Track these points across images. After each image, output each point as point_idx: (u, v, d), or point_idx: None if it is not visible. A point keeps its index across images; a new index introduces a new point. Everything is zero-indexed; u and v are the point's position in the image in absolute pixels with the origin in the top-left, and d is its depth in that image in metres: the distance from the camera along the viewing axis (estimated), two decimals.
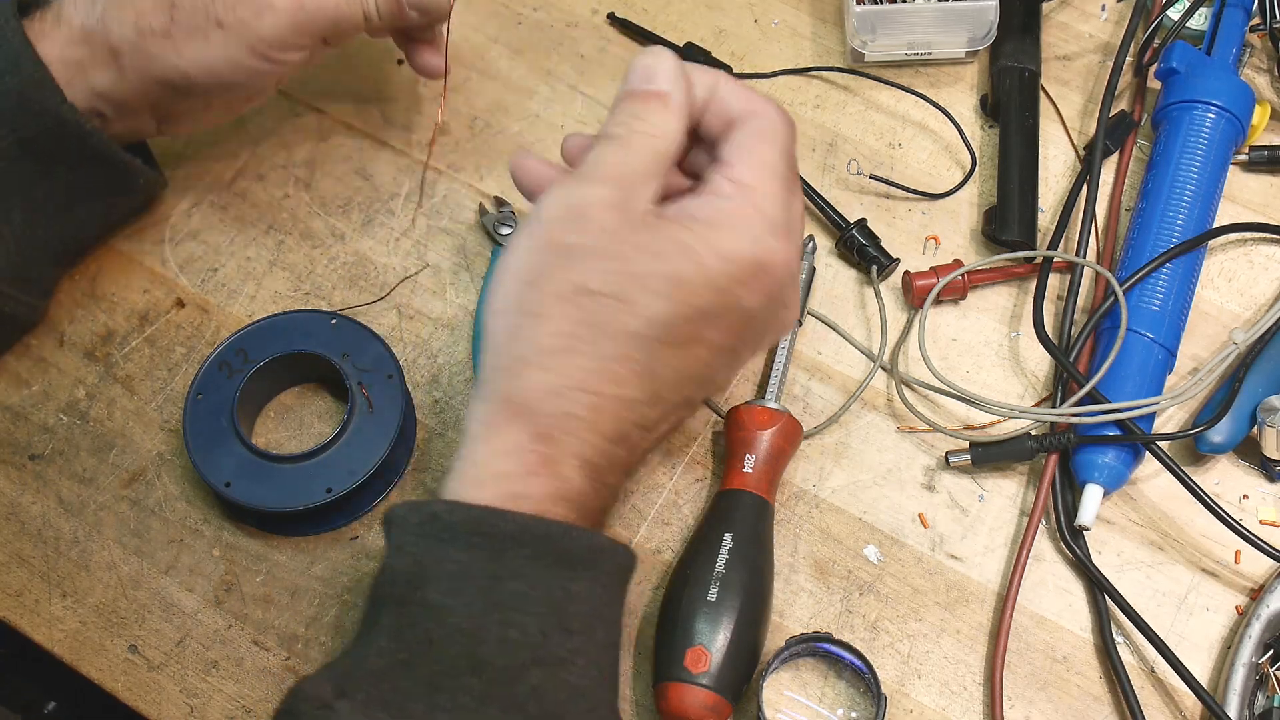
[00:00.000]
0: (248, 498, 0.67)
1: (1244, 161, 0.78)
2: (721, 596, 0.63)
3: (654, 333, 0.54)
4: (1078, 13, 0.84)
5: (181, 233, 0.78)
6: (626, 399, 0.54)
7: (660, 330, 0.54)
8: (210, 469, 0.68)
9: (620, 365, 0.54)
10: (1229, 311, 0.75)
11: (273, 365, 0.70)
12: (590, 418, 0.54)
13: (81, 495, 0.71)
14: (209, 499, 0.70)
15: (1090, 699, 0.66)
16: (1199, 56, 0.77)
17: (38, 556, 0.69)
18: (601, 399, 0.54)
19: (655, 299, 0.54)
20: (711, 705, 0.61)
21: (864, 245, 0.75)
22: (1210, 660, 0.66)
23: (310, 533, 0.69)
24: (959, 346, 0.74)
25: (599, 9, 0.85)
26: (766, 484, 0.67)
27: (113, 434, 0.72)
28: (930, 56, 0.82)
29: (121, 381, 0.74)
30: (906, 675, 0.66)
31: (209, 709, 0.66)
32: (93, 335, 0.75)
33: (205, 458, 0.68)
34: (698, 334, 0.55)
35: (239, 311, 0.76)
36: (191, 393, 0.69)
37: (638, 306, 0.54)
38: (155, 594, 0.69)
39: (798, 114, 0.81)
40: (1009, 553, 0.69)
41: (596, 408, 0.54)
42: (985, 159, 0.80)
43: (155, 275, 0.77)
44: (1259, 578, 0.68)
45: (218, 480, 0.67)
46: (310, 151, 0.81)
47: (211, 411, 0.69)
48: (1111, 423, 0.68)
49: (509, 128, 0.81)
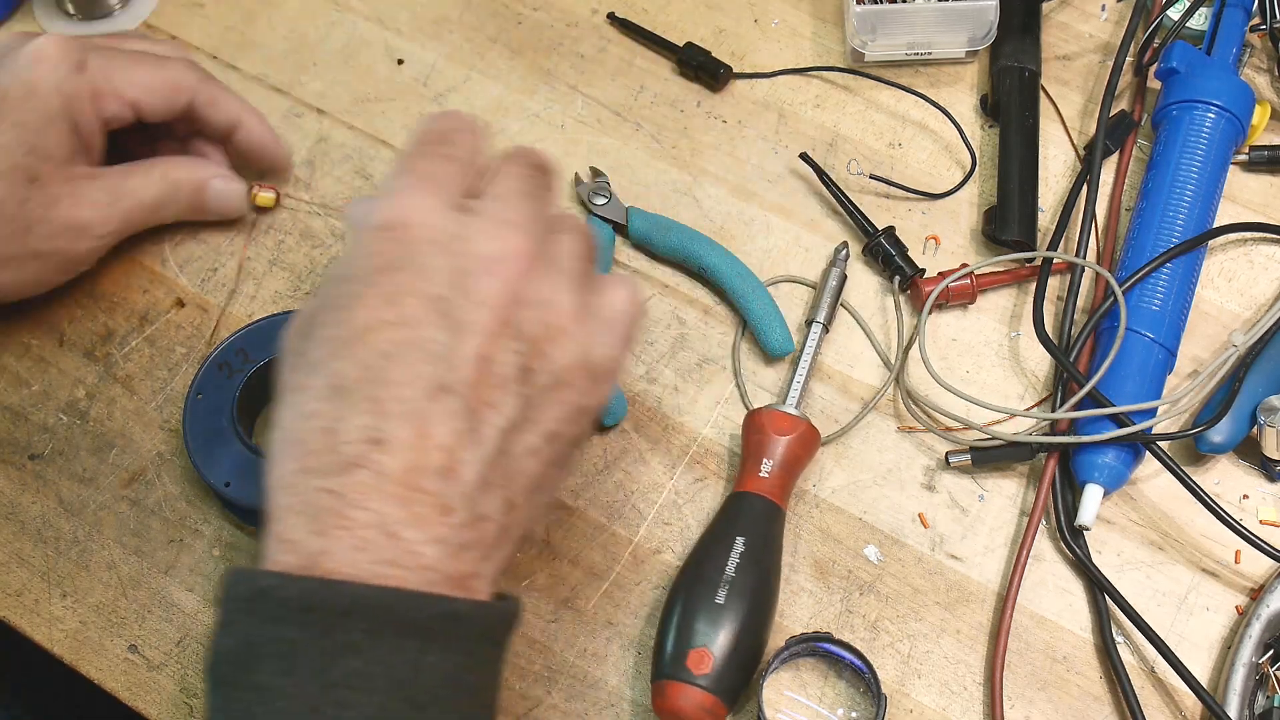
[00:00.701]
0: (248, 498, 0.67)
1: (1244, 161, 0.78)
2: (729, 600, 0.63)
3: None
4: (1078, 13, 0.84)
5: (181, 233, 0.78)
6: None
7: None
8: (210, 469, 0.67)
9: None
10: (1229, 311, 0.75)
11: (273, 365, 0.70)
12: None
13: (81, 495, 0.71)
14: (209, 499, 0.70)
15: (1090, 699, 0.66)
16: (1199, 56, 0.77)
17: (38, 556, 0.69)
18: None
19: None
20: (709, 707, 0.61)
21: (890, 254, 0.75)
22: (1210, 660, 0.66)
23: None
24: (959, 347, 0.74)
25: (599, 9, 0.85)
26: (780, 489, 0.67)
27: (113, 434, 0.72)
28: (930, 56, 0.82)
29: (121, 381, 0.74)
30: (906, 675, 0.66)
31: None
32: (93, 335, 0.75)
33: (205, 457, 0.68)
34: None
35: (239, 311, 0.76)
36: (191, 392, 0.69)
37: None
38: (155, 594, 0.69)
39: (798, 114, 0.81)
40: (1009, 553, 0.69)
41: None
42: (985, 159, 0.80)
43: (155, 275, 0.77)
44: (1259, 578, 0.68)
45: (217, 480, 0.67)
46: (310, 151, 0.81)
47: (211, 411, 0.69)
48: (1111, 423, 0.68)
49: (509, 128, 0.81)
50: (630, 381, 0.73)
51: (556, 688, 0.66)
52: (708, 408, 0.73)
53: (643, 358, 0.74)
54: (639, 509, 0.70)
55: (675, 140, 0.81)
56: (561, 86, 0.83)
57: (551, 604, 0.68)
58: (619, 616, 0.68)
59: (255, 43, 0.85)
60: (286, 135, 0.81)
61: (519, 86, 0.83)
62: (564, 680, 0.66)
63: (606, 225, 0.77)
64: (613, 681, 0.66)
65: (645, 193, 0.79)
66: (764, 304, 0.73)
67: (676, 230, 0.76)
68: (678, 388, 0.73)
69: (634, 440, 0.71)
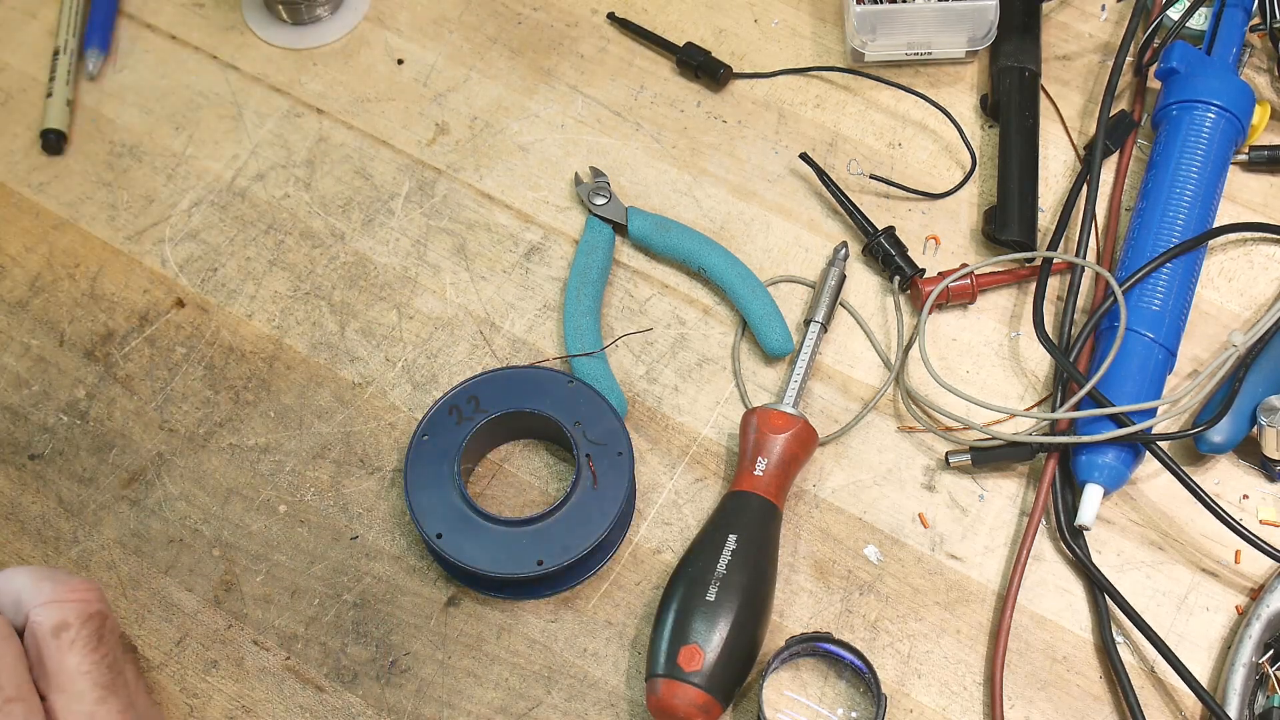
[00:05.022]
0: (457, 554, 0.65)
1: (1244, 161, 0.78)
2: (720, 597, 0.63)
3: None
4: (1078, 13, 0.84)
5: (181, 233, 0.78)
6: None
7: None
8: (425, 516, 0.66)
9: None
10: (1229, 311, 0.75)
11: (504, 418, 0.69)
12: None
13: (81, 495, 0.71)
14: (209, 498, 0.70)
15: (1090, 699, 0.66)
16: (1199, 56, 0.77)
17: (38, 556, 0.69)
18: None
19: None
20: (702, 704, 0.61)
21: (890, 254, 0.75)
22: (1210, 660, 0.66)
23: (500, 596, 0.68)
24: (959, 347, 0.74)
25: (599, 9, 0.85)
26: (777, 488, 0.67)
27: (113, 434, 0.72)
28: (930, 56, 0.82)
29: (121, 381, 0.74)
30: (906, 675, 0.66)
31: (208, 709, 0.66)
32: (93, 335, 0.75)
33: (421, 503, 0.66)
34: None
35: (239, 311, 0.76)
36: (417, 433, 0.68)
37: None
38: (155, 594, 0.69)
39: (798, 114, 0.81)
40: (1009, 553, 0.69)
41: None
42: (985, 159, 0.80)
43: (155, 275, 0.77)
44: (1259, 578, 0.68)
45: (430, 529, 0.65)
46: (310, 151, 0.81)
47: (436, 456, 0.67)
48: (1111, 422, 0.68)
49: (509, 128, 0.82)
50: (630, 381, 0.73)
51: (556, 688, 0.66)
52: (707, 408, 0.73)
53: (642, 358, 0.74)
54: (639, 509, 0.70)
55: (675, 140, 0.81)
56: (561, 86, 0.83)
57: (551, 604, 0.68)
58: (619, 616, 0.68)
59: (256, 42, 0.85)
60: (286, 135, 0.81)
61: (519, 86, 0.83)
62: (564, 680, 0.66)
63: (606, 225, 0.77)
64: (612, 681, 0.66)
65: (645, 193, 0.79)
66: (764, 304, 0.73)
67: (676, 230, 0.76)
68: (678, 388, 0.73)
69: (634, 440, 0.71)
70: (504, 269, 0.77)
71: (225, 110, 0.83)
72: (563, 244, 0.78)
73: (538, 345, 0.75)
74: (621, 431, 0.68)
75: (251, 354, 0.75)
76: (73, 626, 0.55)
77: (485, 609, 0.68)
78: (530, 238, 0.78)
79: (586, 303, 0.74)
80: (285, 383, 0.74)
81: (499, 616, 0.68)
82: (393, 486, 0.71)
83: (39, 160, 0.82)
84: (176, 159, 0.81)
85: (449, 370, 0.74)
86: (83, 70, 0.84)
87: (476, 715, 0.65)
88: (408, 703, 0.66)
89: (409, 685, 0.66)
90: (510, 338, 0.75)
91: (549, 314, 0.76)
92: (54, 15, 0.86)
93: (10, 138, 0.82)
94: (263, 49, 0.85)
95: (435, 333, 0.75)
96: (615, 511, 0.66)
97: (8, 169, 0.81)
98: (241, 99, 0.83)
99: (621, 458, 0.67)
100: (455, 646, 0.67)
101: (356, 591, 0.68)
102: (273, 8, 0.85)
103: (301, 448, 0.72)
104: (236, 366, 0.74)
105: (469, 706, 0.66)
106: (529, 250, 0.78)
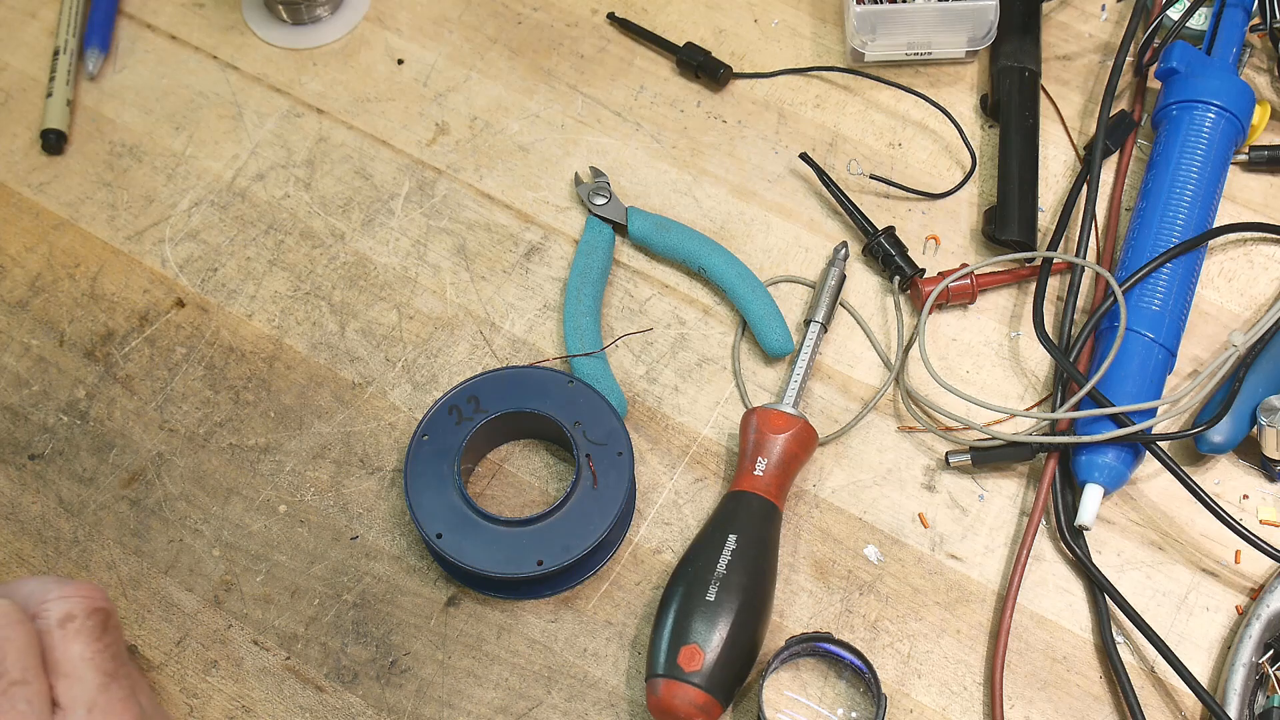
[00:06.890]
0: (457, 554, 0.65)
1: (1244, 161, 0.78)
2: (720, 597, 0.63)
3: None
4: (1078, 13, 0.84)
5: (181, 233, 0.78)
6: None
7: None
8: (425, 516, 0.66)
9: None
10: (1229, 311, 0.75)
11: (504, 418, 0.69)
12: None
13: (81, 495, 0.71)
14: (209, 498, 0.71)
15: (1090, 699, 0.66)
16: (1199, 56, 0.77)
17: (38, 556, 0.69)
18: None
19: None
20: (701, 704, 0.61)
21: (890, 254, 0.75)
22: (1210, 660, 0.66)
23: (500, 596, 0.68)
24: (959, 347, 0.74)
25: (599, 9, 0.85)
26: (777, 488, 0.67)
27: (112, 434, 0.72)
28: (930, 56, 0.82)
29: (121, 381, 0.74)
30: (906, 675, 0.66)
31: (208, 709, 0.66)
32: (93, 335, 0.75)
33: (421, 503, 0.66)
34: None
35: (239, 311, 0.76)
36: (417, 434, 0.68)
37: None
38: (155, 594, 0.69)
39: (798, 114, 0.81)
40: (1009, 553, 0.69)
41: None
42: (985, 159, 0.80)
43: (155, 275, 0.77)
44: (1259, 578, 0.68)
45: (430, 529, 0.66)
46: (310, 151, 0.81)
47: (436, 456, 0.67)
48: (1111, 422, 0.68)
49: (509, 128, 0.82)
50: (630, 381, 0.73)
51: (556, 687, 0.66)
52: (707, 408, 0.73)
53: (642, 357, 0.74)
54: (639, 509, 0.70)
55: (675, 140, 0.81)
56: (561, 86, 0.83)
57: (551, 604, 0.68)
58: (619, 616, 0.68)
59: (256, 42, 0.85)
60: (286, 135, 0.81)
61: (519, 86, 0.83)
62: (564, 680, 0.66)
63: (606, 225, 0.77)
64: (612, 681, 0.66)
65: (645, 193, 0.79)
66: (764, 304, 0.73)
67: (676, 230, 0.76)
68: (678, 388, 0.73)
69: (634, 440, 0.71)
70: (504, 269, 0.77)
71: (225, 110, 0.83)
72: (563, 244, 0.78)
73: (538, 345, 0.75)
74: (621, 431, 0.68)
75: (251, 354, 0.75)
76: (78, 618, 0.56)
77: (485, 609, 0.68)
78: (530, 238, 0.78)
79: (586, 303, 0.74)
80: (285, 383, 0.74)
81: (499, 616, 0.68)
82: (393, 486, 0.71)
83: (39, 160, 0.82)
84: (176, 159, 0.81)
85: (449, 370, 0.74)
86: (83, 70, 0.84)
87: (476, 715, 0.65)
88: (408, 703, 0.66)
89: (409, 685, 0.66)
90: (510, 338, 0.75)
91: (549, 314, 0.76)
92: (54, 15, 0.86)
93: (10, 138, 0.82)
94: (263, 49, 0.85)
95: (435, 333, 0.75)
96: (615, 511, 0.66)
97: (8, 169, 0.81)
98: (241, 99, 0.83)
99: (621, 458, 0.68)
100: (455, 646, 0.67)
101: (356, 591, 0.68)
102: (273, 8, 0.85)
103: (301, 448, 0.72)
104: (236, 366, 0.74)
105: (469, 706, 0.66)
106: (529, 250, 0.78)
